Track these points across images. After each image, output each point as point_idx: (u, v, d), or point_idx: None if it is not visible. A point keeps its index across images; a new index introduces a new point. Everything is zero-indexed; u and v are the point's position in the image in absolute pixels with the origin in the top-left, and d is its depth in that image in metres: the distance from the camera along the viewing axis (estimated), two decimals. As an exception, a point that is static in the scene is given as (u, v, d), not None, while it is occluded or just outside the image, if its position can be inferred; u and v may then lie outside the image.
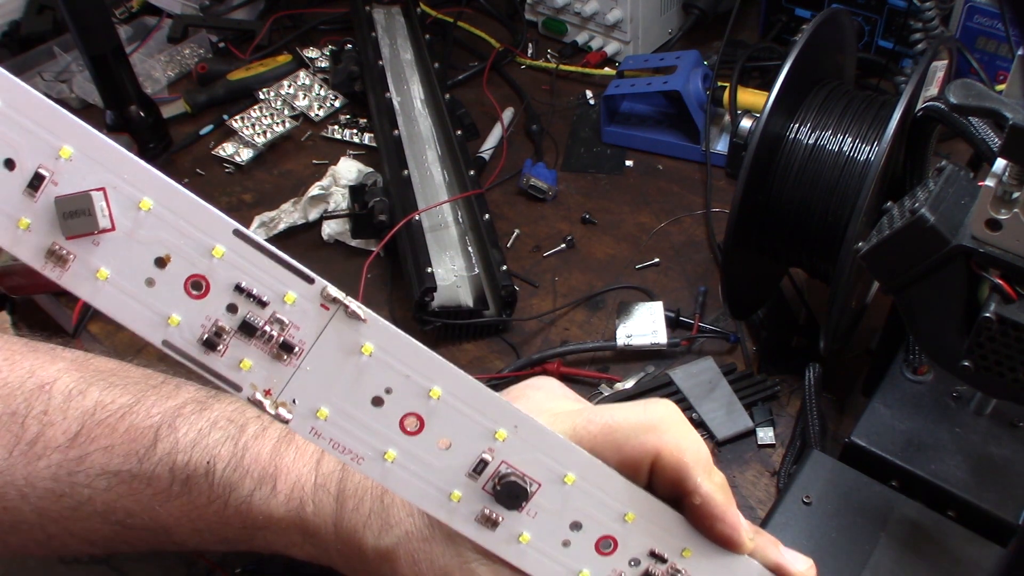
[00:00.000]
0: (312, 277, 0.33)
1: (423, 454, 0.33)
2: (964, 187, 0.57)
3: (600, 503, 0.35)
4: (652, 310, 0.89)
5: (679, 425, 0.37)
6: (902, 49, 1.12)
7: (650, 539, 0.36)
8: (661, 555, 0.36)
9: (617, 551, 0.35)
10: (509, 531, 0.34)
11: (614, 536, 0.35)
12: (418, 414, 0.33)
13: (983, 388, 0.63)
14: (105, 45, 1.10)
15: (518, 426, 0.33)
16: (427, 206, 0.98)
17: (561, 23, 1.30)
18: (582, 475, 0.34)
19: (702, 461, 0.36)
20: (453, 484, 0.33)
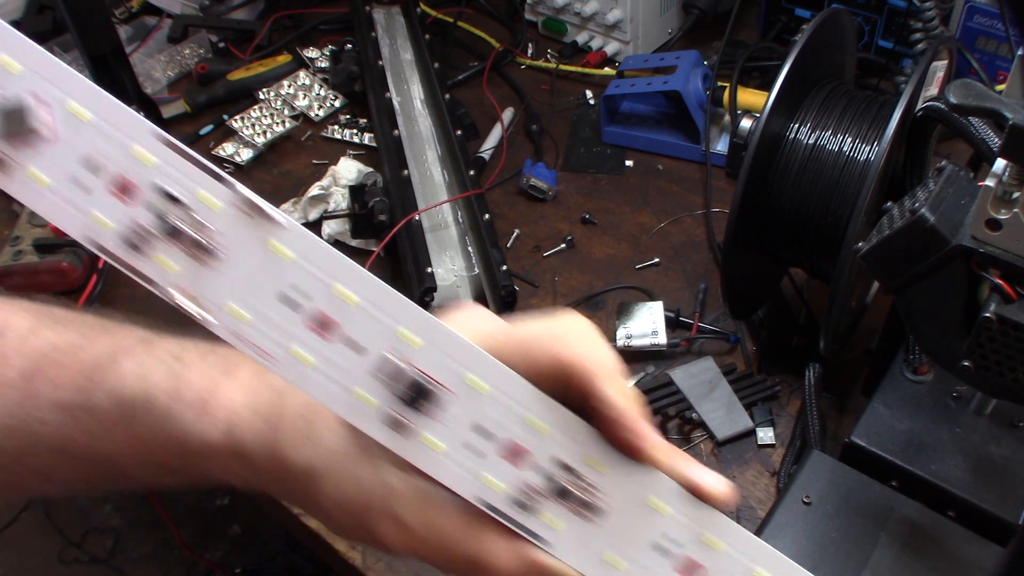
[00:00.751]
0: (233, 183, 0.34)
1: (337, 357, 0.34)
2: (964, 187, 0.57)
3: (511, 412, 0.35)
4: (652, 310, 0.89)
5: (586, 335, 0.37)
6: (902, 49, 1.12)
7: (560, 450, 0.36)
8: (571, 466, 0.36)
9: (527, 461, 0.35)
10: (419, 437, 0.35)
11: (524, 446, 0.35)
12: (333, 318, 0.34)
13: (983, 388, 0.63)
14: (105, 45, 1.10)
15: (433, 333, 0.34)
16: (427, 206, 0.98)
17: (561, 23, 1.30)
18: (493, 383, 0.35)
19: (608, 370, 0.36)
20: (365, 387, 0.34)
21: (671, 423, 0.82)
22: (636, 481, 0.36)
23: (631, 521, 0.36)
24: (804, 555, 0.65)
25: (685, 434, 0.82)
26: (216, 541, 1.77)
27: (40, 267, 0.97)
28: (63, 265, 0.97)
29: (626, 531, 0.36)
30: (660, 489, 0.37)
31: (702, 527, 0.37)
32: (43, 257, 0.98)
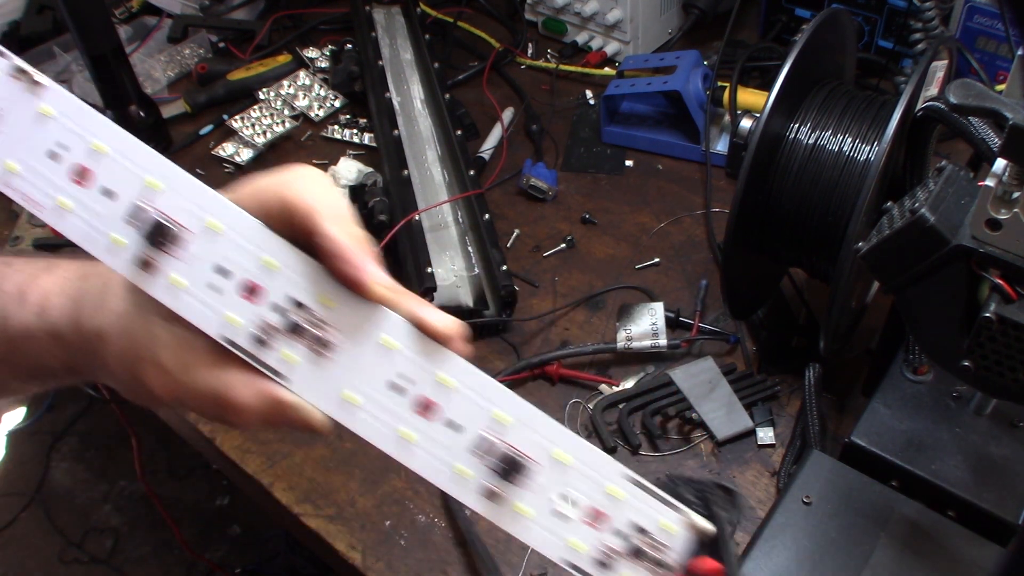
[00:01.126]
0: (5, 52, 0.38)
1: (90, 202, 0.38)
2: (964, 187, 0.57)
3: (246, 252, 0.38)
4: (653, 312, 0.89)
5: (313, 179, 0.40)
6: (902, 49, 1.12)
7: (293, 288, 0.38)
8: (303, 303, 0.38)
9: (263, 299, 0.38)
10: (165, 276, 0.38)
11: (260, 284, 0.38)
12: (88, 167, 0.38)
13: (983, 388, 0.63)
14: (105, 45, 1.10)
15: (169, 178, 0.38)
16: (427, 206, 0.98)
17: (561, 23, 1.30)
18: (228, 224, 0.38)
19: (332, 210, 0.39)
20: (115, 230, 0.38)
21: (671, 423, 0.82)
22: (367, 319, 0.38)
23: (365, 359, 0.38)
24: (804, 555, 0.65)
25: (685, 434, 0.82)
26: (216, 541, 1.77)
27: (40, 267, 0.97)
28: (63, 265, 0.97)
29: (361, 369, 0.38)
30: (391, 327, 0.39)
31: (435, 366, 0.39)
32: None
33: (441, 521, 0.78)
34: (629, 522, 0.40)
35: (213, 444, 0.85)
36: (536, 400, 0.86)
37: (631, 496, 0.40)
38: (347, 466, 0.82)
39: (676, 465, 0.80)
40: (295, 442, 0.84)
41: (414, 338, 0.39)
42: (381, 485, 0.80)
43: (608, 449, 0.81)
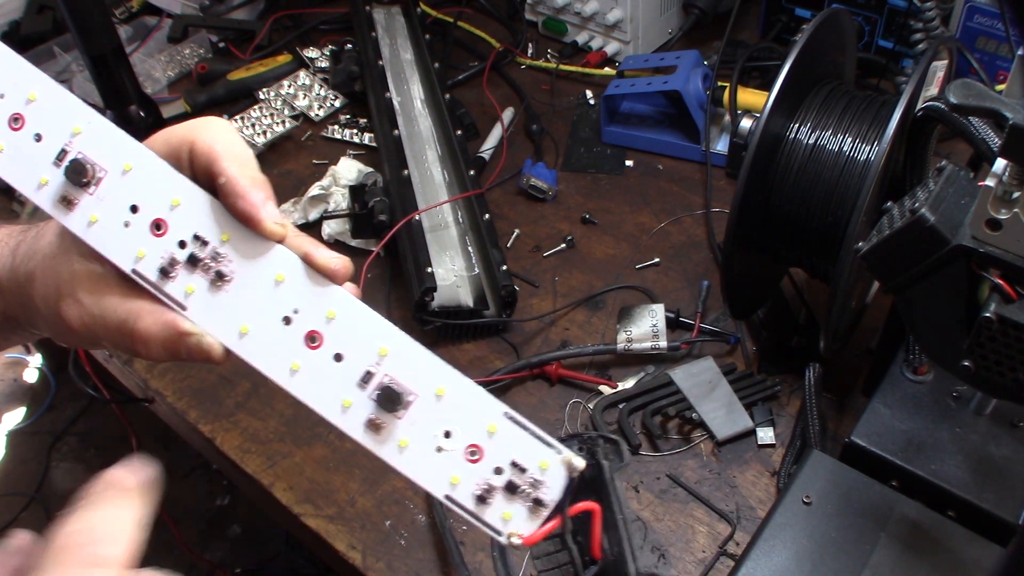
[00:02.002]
0: None
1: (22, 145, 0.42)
2: (964, 187, 0.57)
3: (152, 190, 0.42)
4: (653, 313, 0.89)
5: (218, 125, 0.44)
6: (902, 49, 1.12)
7: (193, 223, 0.42)
8: (203, 238, 0.42)
9: (167, 233, 0.42)
10: (83, 212, 0.42)
11: (164, 219, 0.42)
12: (21, 114, 0.42)
13: (983, 388, 0.63)
14: (105, 45, 1.10)
15: (90, 123, 0.42)
16: (427, 206, 0.98)
17: (561, 23, 1.30)
18: (138, 164, 0.42)
19: (234, 154, 0.42)
20: (41, 170, 0.42)
21: (671, 423, 0.82)
22: (262, 255, 0.42)
23: (259, 292, 0.42)
24: (804, 555, 0.65)
25: (685, 434, 0.82)
26: (216, 541, 1.77)
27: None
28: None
29: (255, 301, 0.42)
30: (283, 263, 0.42)
31: (324, 300, 0.42)
32: (43, 257, 0.98)
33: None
34: (509, 460, 0.42)
35: (213, 444, 0.85)
36: (536, 400, 0.86)
37: (511, 434, 0.42)
38: (347, 466, 0.82)
39: (676, 465, 0.80)
40: (295, 442, 0.84)
41: (304, 274, 0.42)
42: (381, 485, 0.80)
43: (608, 449, 0.81)
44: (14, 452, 1.91)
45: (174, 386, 0.90)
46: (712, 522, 0.75)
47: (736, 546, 0.74)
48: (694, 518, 0.76)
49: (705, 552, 0.74)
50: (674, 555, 0.73)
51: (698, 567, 0.73)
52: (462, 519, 0.43)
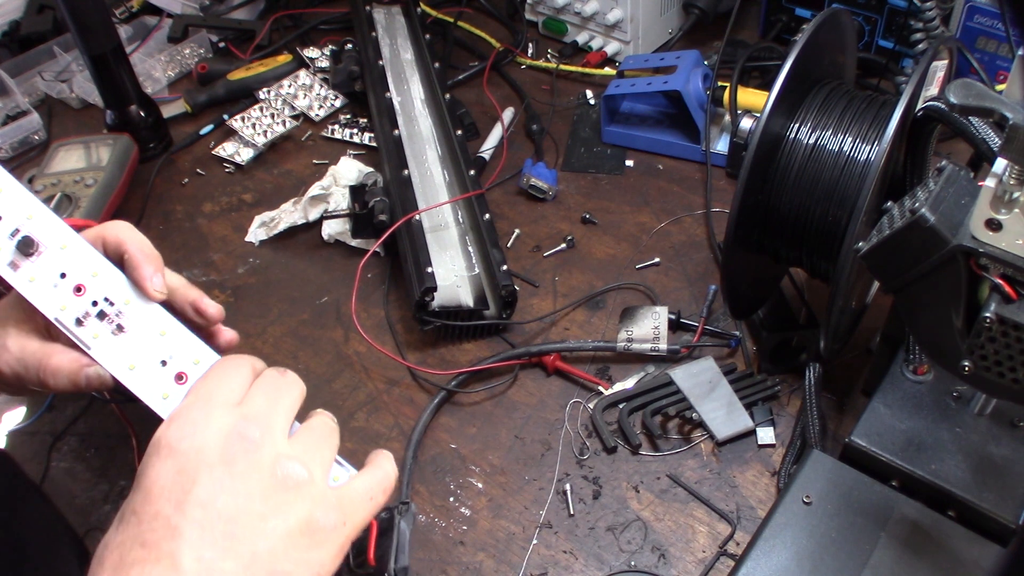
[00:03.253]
0: None
1: None
2: (964, 187, 0.57)
3: (78, 263, 0.56)
4: (656, 315, 0.89)
5: (125, 224, 0.58)
6: (902, 49, 1.12)
7: (105, 289, 0.56)
8: (111, 300, 0.56)
9: (84, 294, 0.56)
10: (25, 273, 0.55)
11: (84, 284, 0.56)
12: None
13: (983, 388, 0.63)
14: (105, 45, 1.10)
15: (40, 213, 0.55)
16: (427, 206, 0.98)
17: (561, 23, 1.30)
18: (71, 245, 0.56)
19: (136, 240, 0.57)
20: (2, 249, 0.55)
21: (671, 423, 0.82)
22: (151, 313, 0.56)
23: (146, 341, 0.56)
24: (804, 555, 0.65)
25: (685, 434, 0.82)
26: (216, 541, 1.77)
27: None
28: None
29: (143, 347, 0.56)
30: (167, 323, 0.56)
31: (193, 353, 0.56)
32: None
33: (441, 521, 0.78)
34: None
35: (213, 444, 0.85)
36: (536, 400, 0.86)
37: None
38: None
39: (676, 465, 0.80)
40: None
41: (183, 332, 0.57)
42: (381, 485, 0.80)
43: (609, 449, 0.81)
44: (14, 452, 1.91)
45: (174, 386, 0.90)
46: (712, 522, 0.75)
47: (736, 546, 0.74)
48: (694, 518, 0.76)
49: (705, 552, 0.74)
50: (674, 555, 0.73)
51: (698, 567, 0.73)
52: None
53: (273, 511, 0.46)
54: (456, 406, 0.87)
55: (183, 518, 0.45)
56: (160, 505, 0.45)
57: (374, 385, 0.89)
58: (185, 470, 0.46)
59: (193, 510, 0.45)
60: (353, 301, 0.93)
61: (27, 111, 1.25)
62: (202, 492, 0.45)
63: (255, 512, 0.46)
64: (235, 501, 0.46)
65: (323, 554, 0.48)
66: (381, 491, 0.53)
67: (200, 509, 0.45)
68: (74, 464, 0.92)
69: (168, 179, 1.16)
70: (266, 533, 0.46)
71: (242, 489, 0.46)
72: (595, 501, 0.78)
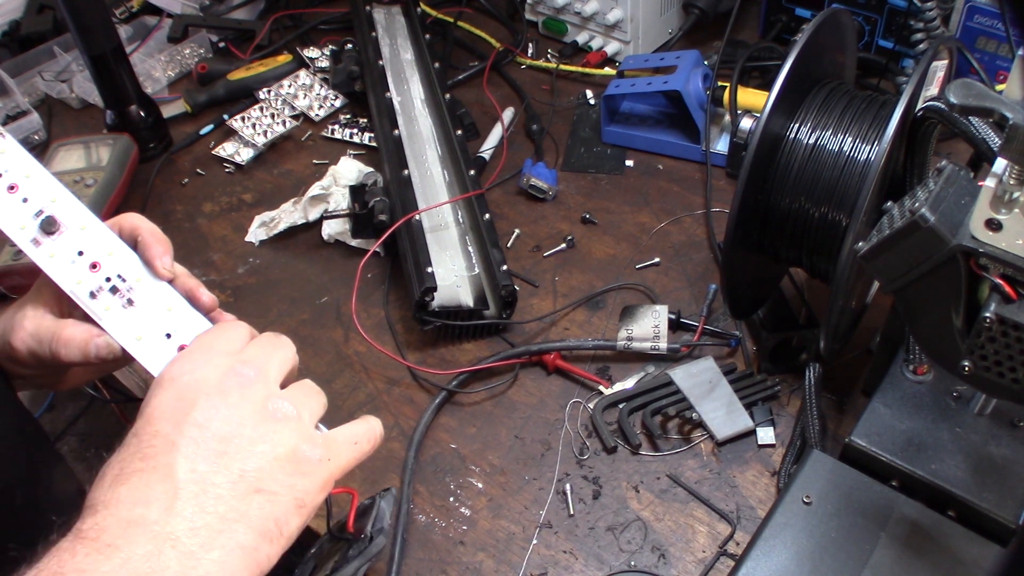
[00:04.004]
0: None
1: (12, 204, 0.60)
2: (964, 187, 0.57)
3: (96, 242, 0.61)
4: (656, 314, 0.89)
5: (138, 215, 0.63)
6: (902, 49, 1.12)
7: (119, 267, 0.61)
8: (123, 276, 0.61)
9: (101, 271, 0.60)
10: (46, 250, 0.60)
11: (99, 262, 0.61)
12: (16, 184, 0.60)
13: (983, 388, 0.63)
14: (105, 45, 1.10)
15: (63, 196, 0.61)
16: (427, 206, 0.98)
17: (561, 23, 1.30)
18: (88, 226, 0.61)
19: (148, 227, 0.62)
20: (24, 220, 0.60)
21: (671, 423, 0.82)
22: (159, 291, 0.61)
23: (153, 315, 0.60)
24: (804, 555, 0.65)
25: (685, 434, 0.82)
26: (216, 541, 1.77)
27: (40, 267, 0.97)
28: (63, 265, 0.97)
29: (150, 321, 0.60)
30: (173, 300, 0.61)
31: (195, 327, 0.60)
32: (43, 257, 0.97)
33: (441, 521, 0.78)
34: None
35: (213, 444, 0.85)
36: (536, 399, 0.86)
37: None
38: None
39: (676, 465, 0.80)
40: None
41: (185, 308, 0.61)
42: (381, 485, 0.80)
43: (609, 449, 0.81)
44: (14, 452, 1.91)
45: (174, 386, 0.90)
46: (712, 522, 0.75)
47: (736, 546, 0.74)
48: (694, 518, 0.76)
49: (705, 552, 0.74)
50: (674, 555, 0.73)
51: (698, 567, 0.73)
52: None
53: (262, 437, 0.51)
54: (456, 406, 0.87)
55: (180, 436, 0.49)
56: (160, 425, 0.50)
57: (374, 385, 0.89)
58: (184, 397, 0.51)
59: (190, 429, 0.49)
60: (353, 301, 0.93)
61: (27, 111, 1.25)
62: (199, 415, 0.50)
63: (246, 436, 0.50)
64: (228, 426, 0.50)
65: (307, 483, 0.51)
66: (366, 439, 0.57)
67: (196, 429, 0.50)
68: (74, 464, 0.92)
69: (168, 179, 1.16)
70: (255, 454, 0.50)
71: (235, 416, 0.51)
72: (595, 501, 0.78)
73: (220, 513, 0.47)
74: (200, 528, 0.47)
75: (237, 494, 0.48)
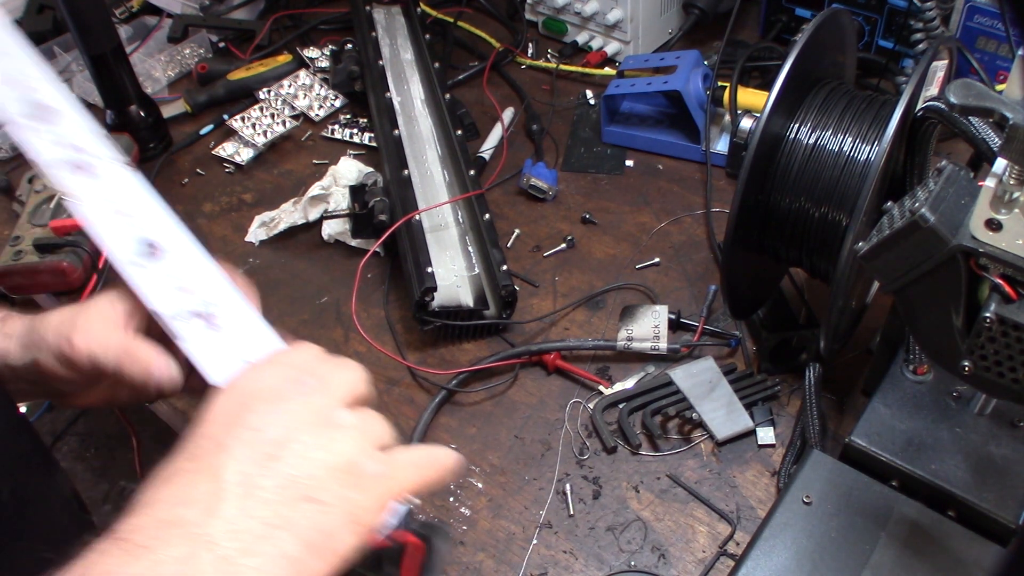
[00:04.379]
0: None
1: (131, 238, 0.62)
2: (964, 187, 0.57)
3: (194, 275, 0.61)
4: (656, 314, 0.89)
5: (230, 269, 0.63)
6: (902, 49, 1.12)
7: (209, 294, 0.60)
8: (211, 302, 0.60)
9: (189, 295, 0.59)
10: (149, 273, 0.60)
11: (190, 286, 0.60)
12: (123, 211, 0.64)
13: (983, 388, 0.63)
14: (105, 45, 1.10)
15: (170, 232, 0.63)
16: (427, 206, 0.98)
17: (561, 23, 1.30)
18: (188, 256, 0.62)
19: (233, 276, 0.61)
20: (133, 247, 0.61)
21: (671, 423, 0.82)
22: (245, 314, 0.60)
23: (236, 339, 0.58)
24: (804, 555, 0.65)
25: (685, 434, 0.82)
26: (216, 541, 1.77)
27: (40, 267, 0.97)
28: (63, 265, 0.97)
29: (233, 347, 0.58)
30: (257, 323, 0.60)
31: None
32: (43, 257, 0.98)
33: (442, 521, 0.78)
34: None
35: (213, 444, 0.85)
36: (536, 399, 0.86)
37: None
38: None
39: (676, 465, 0.80)
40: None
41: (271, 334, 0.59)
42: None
43: (609, 449, 0.81)
44: (14, 452, 1.91)
45: (174, 386, 0.90)
46: (712, 522, 0.76)
47: (736, 546, 0.74)
48: (694, 518, 0.76)
49: (705, 552, 0.74)
50: (674, 555, 0.73)
51: (698, 567, 0.73)
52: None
53: (318, 444, 0.48)
54: (456, 406, 0.87)
55: (231, 438, 0.48)
56: (212, 428, 0.49)
57: (374, 385, 0.89)
58: (242, 402, 0.50)
59: (243, 432, 0.48)
60: (353, 301, 0.93)
61: (27, 111, 1.25)
62: (254, 418, 0.49)
63: (300, 441, 0.48)
64: (283, 430, 0.48)
65: (363, 498, 0.48)
66: (432, 465, 0.53)
67: (250, 432, 0.48)
68: (74, 464, 0.92)
69: (168, 179, 1.16)
70: (308, 460, 0.48)
71: (291, 421, 0.49)
72: (595, 501, 0.78)
73: (264, 518, 0.45)
74: (241, 532, 0.44)
75: (284, 500, 0.46)
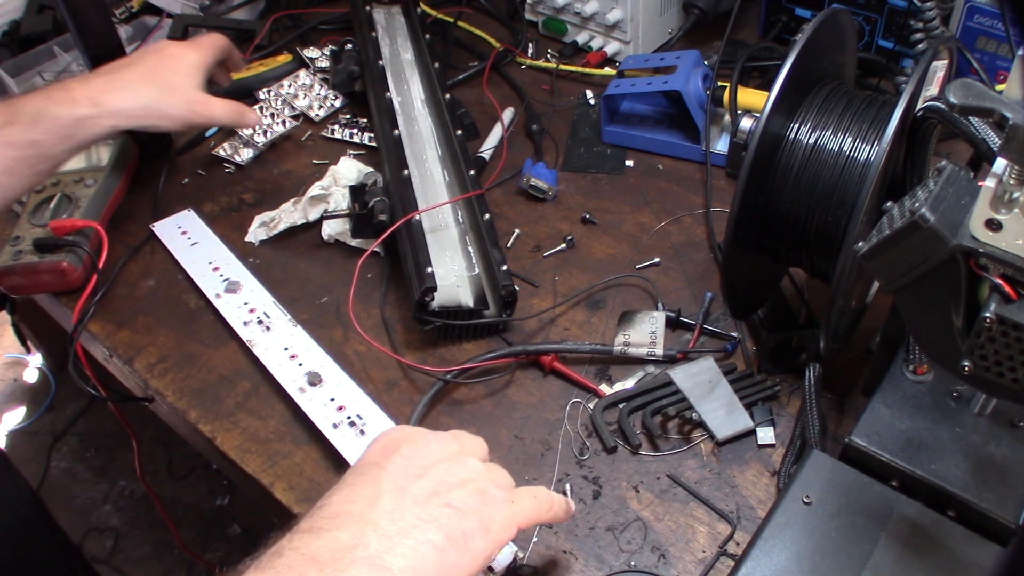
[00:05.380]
0: None
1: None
2: (964, 187, 0.57)
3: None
4: (654, 320, 0.89)
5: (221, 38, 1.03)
6: (902, 49, 1.12)
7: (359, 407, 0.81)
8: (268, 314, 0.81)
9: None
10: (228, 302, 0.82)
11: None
12: None
13: (983, 388, 0.63)
14: (105, 45, 1.10)
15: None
16: (427, 206, 0.98)
17: (561, 23, 1.30)
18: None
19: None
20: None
21: (671, 423, 0.82)
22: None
23: None
24: (804, 555, 0.65)
25: (685, 434, 0.82)
26: (216, 541, 1.77)
27: (40, 267, 0.97)
28: (63, 265, 0.97)
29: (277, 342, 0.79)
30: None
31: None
32: (43, 257, 0.98)
33: (441, 521, 0.78)
34: None
35: (213, 444, 0.85)
36: (535, 399, 0.86)
37: None
38: (347, 466, 0.82)
39: (676, 465, 0.80)
40: (295, 442, 0.84)
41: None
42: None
43: (609, 449, 0.81)
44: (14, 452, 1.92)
45: (174, 386, 0.90)
46: (712, 522, 0.76)
47: (736, 546, 0.74)
48: (694, 518, 0.76)
49: (705, 552, 0.74)
50: (674, 555, 0.74)
51: (698, 567, 0.73)
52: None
53: (454, 473, 0.61)
54: (456, 406, 0.87)
55: (387, 461, 0.60)
56: (371, 456, 0.62)
57: (374, 385, 0.89)
58: (392, 442, 0.63)
59: (396, 458, 0.61)
60: (351, 300, 0.93)
61: (27, 111, 1.25)
62: (405, 450, 0.61)
63: (442, 467, 0.61)
64: (428, 460, 0.61)
65: (493, 512, 0.60)
66: (547, 501, 0.65)
67: (402, 459, 0.61)
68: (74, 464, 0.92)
69: (168, 179, 1.16)
70: (448, 481, 0.60)
71: (434, 456, 0.62)
72: (595, 501, 0.78)
73: (415, 514, 0.57)
74: (398, 519, 0.56)
75: (430, 505, 0.58)
